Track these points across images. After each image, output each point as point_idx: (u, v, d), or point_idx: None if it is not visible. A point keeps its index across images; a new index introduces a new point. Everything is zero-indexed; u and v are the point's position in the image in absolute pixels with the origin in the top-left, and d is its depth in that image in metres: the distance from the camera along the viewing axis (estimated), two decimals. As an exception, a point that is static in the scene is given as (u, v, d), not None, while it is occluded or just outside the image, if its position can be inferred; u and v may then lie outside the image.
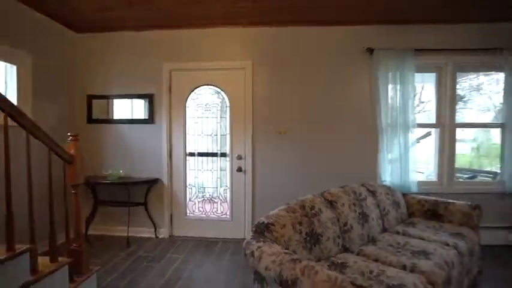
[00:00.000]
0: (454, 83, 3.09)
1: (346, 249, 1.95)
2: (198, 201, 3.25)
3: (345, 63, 3.05)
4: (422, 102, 3.48)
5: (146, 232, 3.23)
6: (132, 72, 3.21)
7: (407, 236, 2.21)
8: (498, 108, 3.20)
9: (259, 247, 1.46)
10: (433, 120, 3.19)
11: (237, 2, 2.51)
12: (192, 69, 3.16)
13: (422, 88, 3.45)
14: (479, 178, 3.65)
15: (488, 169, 3.76)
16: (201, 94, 3.20)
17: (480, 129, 3.44)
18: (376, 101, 3.01)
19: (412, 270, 1.65)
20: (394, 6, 2.63)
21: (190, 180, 3.24)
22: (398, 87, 2.95)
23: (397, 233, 2.30)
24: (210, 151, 3.22)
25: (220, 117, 3.19)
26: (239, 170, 3.14)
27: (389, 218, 2.44)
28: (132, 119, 3.25)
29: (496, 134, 3.31)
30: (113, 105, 3.29)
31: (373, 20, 2.92)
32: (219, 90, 3.17)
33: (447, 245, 2.01)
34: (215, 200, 3.23)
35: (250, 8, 2.65)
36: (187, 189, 3.25)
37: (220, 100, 3.18)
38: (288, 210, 1.78)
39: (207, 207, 3.25)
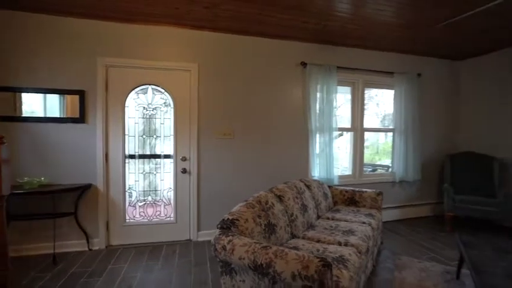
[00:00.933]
0: (363, 96, 3.87)
1: (293, 236, 2.28)
2: (139, 206, 3.09)
3: (283, 74, 3.43)
4: (336, 108, 4.21)
5: (76, 245, 2.88)
6: (58, 64, 2.80)
7: (336, 220, 2.72)
8: (390, 116, 4.18)
9: (230, 241, 1.60)
10: (348, 125, 3.91)
11: (189, 3, 2.54)
12: (134, 67, 2.97)
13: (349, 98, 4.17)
14: (378, 171, 4.67)
15: (383, 163, 4.84)
16: (142, 94, 3.05)
17: (378, 132, 4.40)
18: (307, 108, 3.49)
19: (346, 245, 2.09)
20: (327, 30, 3.15)
21: (130, 184, 3.05)
22: (324, 97, 3.51)
23: (328, 218, 2.79)
24: (153, 153, 3.11)
25: (164, 118, 3.12)
26: (184, 171, 3.15)
27: (321, 207, 2.92)
28: (57, 118, 2.83)
29: (389, 136, 4.29)
30: (21, 100, 2.77)
31: (309, 38, 3.41)
32: (162, 90, 3.09)
33: (364, 223, 2.59)
34: (158, 203, 3.14)
35: (201, 12, 2.72)
36: (127, 193, 3.04)
37: (164, 101, 3.11)
38: (247, 206, 1.97)
39: (150, 211, 3.12)
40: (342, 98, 4.10)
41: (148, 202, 3.11)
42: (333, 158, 3.57)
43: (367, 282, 2.27)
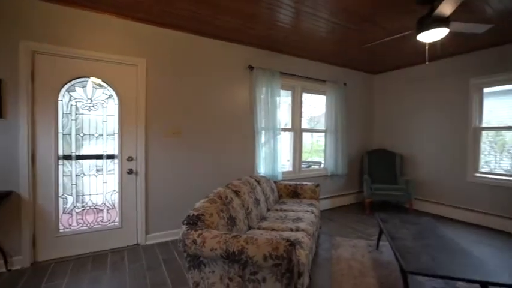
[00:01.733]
0: (301, 100, 4.33)
1: (250, 227, 2.46)
2: (77, 212, 2.78)
3: (232, 75, 3.58)
4: (279, 110, 4.59)
5: (-11, 267, 2.41)
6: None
7: (284, 211, 3.01)
8: (315, 118, 4.78)
9: (200, 234, 1.67)
10: (289, 126, 4.31)
11: (139, -2, 2.46)
12: (70, 56, 2.65)
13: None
14: (312, 167, 5.26)
15: (315, 160, 5.47)
16: (81, 87, 2.75)
17: (315, 133, 4.97)
18: (253, 109, 3.73)
19: (297, 230, 2.38)
20: (272, 38, 3.44)
21: (65, 188, 2.72)
22: (269, 99, 3.80)
23: (277, 210, 3.07)
24: (94, 153, 2.84)
25: (107, 115, 2.89)
26: (130, 172, 2.97)
27: (270, 200, 3.18)
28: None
29: (321, 136, 4.90)
30: None
31: (256, 43, 3.65)
32: (104, 85, 2.85)
33: (308, 211, 2.95)
34: (100, 208, 2.88)
35: (151, 6, 2.64)
36: (61, 199, 2.70)
37: (107, 96, 2.88)
38: (210, 201, 2.06)
39: (90, 217, 2.84)
40: (284, 101, 4.48)
41: (88, 208, 2.82)
42: (277, 156, 3.89)
43: (313, 260, 2.63)
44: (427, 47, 3.45)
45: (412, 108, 4.68)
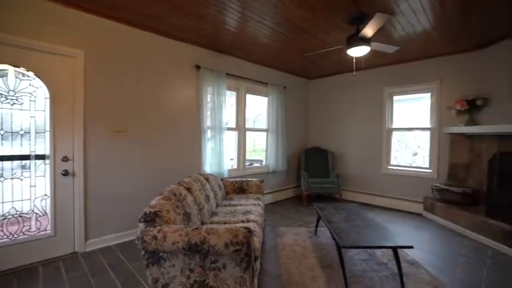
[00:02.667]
0: (245, 101, 4.55)
1: (202, 223, 2.53)
2: (-4, 223, 2.39)
3: (179, 73, 3.55)
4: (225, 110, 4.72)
5: None
6: None
7: (233, 206, 3.16)
8: (265, 119, 5.10)
9: (160, 230, 1.70)
10: (234, 125, 4.48)
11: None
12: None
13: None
14: (254, 164, 5.54)
15: (258, 158, 5.78)
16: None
17: (258, 132, 5.25)
18: (200, 108, 3.77)
19: (248, 221, 2.56)
20: (220, 40, 3.54)
21: (-21, 195, 2.31)
22: (215, 99, 3.90)
23: (226, 205, 3.19)
24: (18, 153, 2.48)
25: (35, 110, 2.56)
26: (65, 173, 2.70)
27: (218, 197, 3.29)
28: None
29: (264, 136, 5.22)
30: None
31: (204, 44, 3.70)
32: (32, 75, 2.52)
33: (255, 205, 3.16)
34: (27, 216, 2.53)
35: (92, -4, 2.47)
36: (-27, 208, 2.29)
37: (36, 89, 2.55)
38: (165, 198, 2.08)
39: (13, 228, 2.47)
40: (230, 101, 4.63)
41: (11, 217, 2.45)
42: (223, 154, 4.02)
43: (261, 248, 2.85)
44: (354, 60, 4.07)
45: (341, 111, 5.39)
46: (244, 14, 2.81)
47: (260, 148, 5.41)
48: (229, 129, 4.32)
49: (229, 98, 4.44)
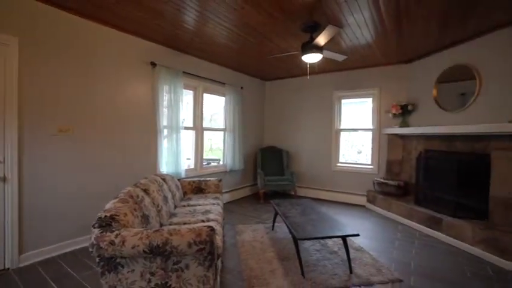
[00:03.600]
0: (202, 100, 4.50)
1: (161, 224, 2.46)
2: None
3: (133, 70, 3.36)
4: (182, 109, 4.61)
5: None
6: None
7: (191, 206, 3.13)
8: (222, 119, 5.11)
9: (118, 234, 1.63)
10: (191, 125, 4.40)
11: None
12: None
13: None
14: (211, 164, 5.51)
15: (215, 158, 5.77)
16: None
17: (215, 131, 5.23)
18: (156, 107, 3.63)
19: (208, 221, 2.57)
20: (178, 38, 3.45)
21: None
22: (172, 98, 3.79)
23: (184, 206, 3.14)
24: None
25: (-45, 105, 2.18)
26: (-5, 178, 2.36)
27: (176, 197, 3.22)
28: None
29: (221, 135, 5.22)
30: None
31: (162, 41, 3.57)
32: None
33: (214, 204, 3.18)
34: None
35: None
36: None
37: (-44, 80, 2.18)
38: (121, 201, 1.98)
39: None
40: (187, 100, 4.53)
41: None
42: (180, 154, 3.93)
43: (222, 246, 2.88)
44: (308, 65, 4.34)
45: (295, 112, 5.68)
46: (204, 14, 2.80)
47: (217, 147, 5.40)
48: (186, 128, 4.24)
49: (186, 97, 4.35)
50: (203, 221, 2.58)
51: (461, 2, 2.53)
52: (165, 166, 3.80)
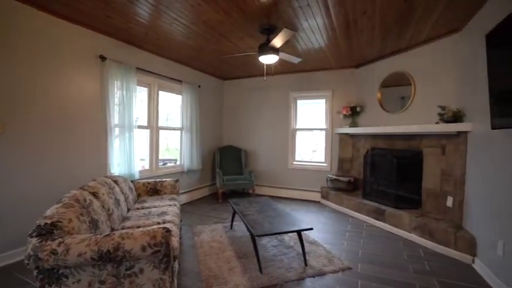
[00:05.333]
0: (158, 98, 4.32)
1: (112, 229, 2.31)
2: None
3: (79, 63, 3.07)
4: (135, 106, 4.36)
5: None
6: None
7: (146, 208, 2.99)
8: (179, 118, 4.96)
9: (60, 242, 1.50)
10: (145, 123, 4.19)
11: None
12: None
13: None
14: (168, 164, 5.31)
15: (172, 158, 5.57)
16: None
17: (171, 130, 5.04)
18: (106, 104, 3.38)
19: (164, 222, 2.49)
20: (131, 31, 3.26)
21: None
22: (124, 94, 3.56)
23: (138, 209, 2.99)
24: None
25: None
26: None
27: (129, 200, 3.05)
28: None
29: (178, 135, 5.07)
30: None
31: (111, 33, 3.33)
32: None
33: (171, 205, 3.09)
34: None
35: None
36: None
37: None
38: (65, 206, 1.82)
39: None
40: (140, 97, 4.29)
41: None
42: (133, 154, 3.71)
43: (179, 248, 2.81)
44: (265, 66, 4.44)
45: (253, 111, 5.77)
46: (158, 8, 2.69)
47: (174, 147, 5.23)
48: (140, 127, 4.03)
49: (141, 94, 4.13)
50: (159, 223, 2.48)
51: (398, 18, 2.83)
52: (116, 167, 3.55)
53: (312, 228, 2.48)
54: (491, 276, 2.23)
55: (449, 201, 3.11)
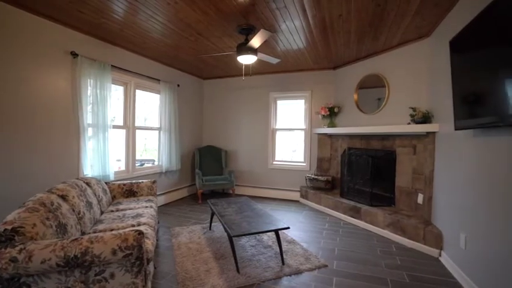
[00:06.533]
0: (135, 97, 4.20)
1: (83, 233, 2.22)
2: None
3: (48, 60, 2.90)
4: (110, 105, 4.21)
5: None
6: None
7: (121, 210, 2.90)
8: (158, 118, 4.85)
9: (21, 249, 1.44)
10: (121, 123, 4.06)
11: None
12: None
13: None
14: (146, 164, 5.18)
15: (150, 158, 5.44)
16: None
17: (149, 130, 4.91)
18: (78, 103, 3.23)
19: (139, 225, 2.43)
20: (105, 27, 3.14)
21: None
22: (98, 93, 3.43)
23: (112, 211, 2.90)
24: None
25: None
26: None
27: (103, 202, 2.95)
28: None
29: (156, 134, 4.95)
30: None
31: (84, 29, 3.20)
32: None
33: (147, 207, 3.01)
34: None
35: None
36: None
37: None
38: (29, 210, 1.73)
39: None
40: (117, 96, 4.15)
41: None
42: (108, 155, 3.58)
43: (155, 251, 2.75)
44: (243, 66, 4.43)
45: (233, 111, 5.75)
46: (133, 5, 2.61)
47: (153, 147, 5.10)
48: (115, 127, 3.90)
49: (117, 93, 4.00)
50: (133, 226, 2.42)
51: (372, 21, 2.93)
52: (89, 169, 3.41)
53: (288, 227, 2.51)
54: (455, 268, 2.36)
55: (420, 198, 3.26)
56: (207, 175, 5.14)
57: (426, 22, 2.93)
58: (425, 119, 3.15)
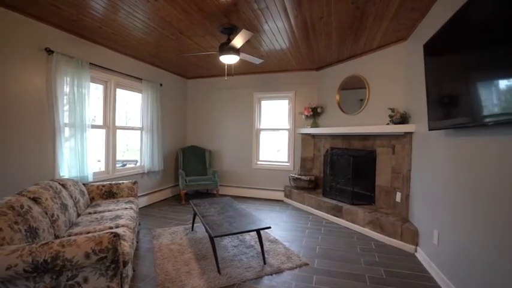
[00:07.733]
0: (115, 96, 4.09)
1: (57, 237, 2.14)
2: None
3: (21, 56, 2.78)
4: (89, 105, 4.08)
5: None
6: None
7: (99, 212, 2.82)
8: (140, 117, 4.74)
9: (-15, 255, 1.35)
10: (101, 123, 3.95)
11: None
12: None
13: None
14: (128, 165, 5.06)
15: (132, 159, 5.31)
16: None
17: (131, 130, 4.80)
18: (53, 101, 3.11)
19: (117, 227, 2.37)
20: (83, 24, 3.04)
21: None
22: (75, 91, 3.31)
23: (90, 213, 2.81)
24: None
25: None
26: None
27: (80, 204, 2.85)
28: None
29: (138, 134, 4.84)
30: None
31: (60, 25, 3.09)
32: None
33: (126, 208, 2.94)
34: None
35: None
36: None
37: None
38: (-4, 214, 1.64)
39: None
40: (97, 95, 4.03)
41: None
42: (86, 156, 3.47)
43: (134, 254, 2.69)
44: (226, 66, 4.41)
45: (217, 111, 5.72)
46: (112, 1, 2.55)
47: (135, 148, 4.99)
48: (94, 126, 3.78)
49: (97, 92, 3.88)
50: (111, 228, 2.35)
51: (352, 24, 3.00)
52: (66, 170, 3.29)
53: (270, 227, 2.52)
54: (429, 263, 2.45)
55: (398, 197, 3.36)
56: (191, 175, 5.09)
57: (403, 26, 3.02)
58: (403, 119, 3.25)
